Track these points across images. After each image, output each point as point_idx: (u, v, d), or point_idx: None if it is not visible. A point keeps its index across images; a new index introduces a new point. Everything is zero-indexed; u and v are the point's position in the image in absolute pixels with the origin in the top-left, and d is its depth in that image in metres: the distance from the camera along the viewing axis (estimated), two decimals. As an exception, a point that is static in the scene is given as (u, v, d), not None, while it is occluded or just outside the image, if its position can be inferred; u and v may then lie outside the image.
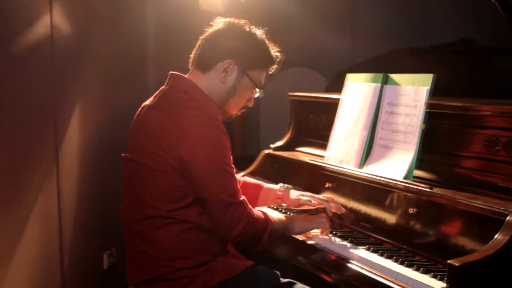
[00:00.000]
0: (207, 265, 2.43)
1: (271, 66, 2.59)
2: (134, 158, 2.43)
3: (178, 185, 2.36)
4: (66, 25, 3.45)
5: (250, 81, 2.52)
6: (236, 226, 2.38)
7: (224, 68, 2.47)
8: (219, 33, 2.51)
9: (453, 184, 2.48)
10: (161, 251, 2.40)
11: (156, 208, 2.38)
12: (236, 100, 2.54)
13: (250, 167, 3.49)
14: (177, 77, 2.50)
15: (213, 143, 2.33)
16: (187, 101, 2.41)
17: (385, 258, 2.45)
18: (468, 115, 2.49)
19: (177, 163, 2.32)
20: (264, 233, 2.48)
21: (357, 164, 2.87)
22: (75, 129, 3.56)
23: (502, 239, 2.05)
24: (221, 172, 2.35)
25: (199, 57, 2.51)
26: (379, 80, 2.86)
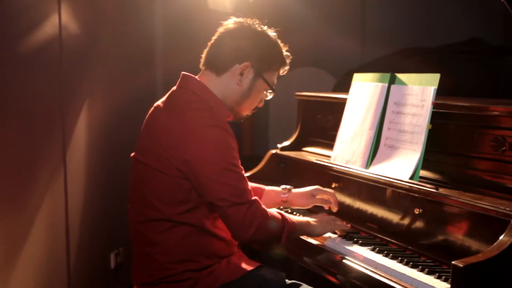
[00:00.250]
0: (211, 267, 2.42)
1: (283, 67, 2.58)
2: (140, 159, 2.43)
3: (182, 188, 2.35)
4: (74, 25, 3.46)
5: (265, 83, 2.51)
6: (249, 227, 2.35)
7: (241, 70, 2.45)
8: (234, 35, 2.48)
9: (459, 185, 2.47)
10: (165, 254, 2.39)
11: (160, 211, 2.37)
12: (250, 101, 2.53)
13: (257, 167, 3.48)
14: (187, 78, 2.48)
15: (219, 144, 2.32)
16: (194, 103, 2.39)
17: (390, 258, 2.43)
18: (475, 115, 2.47)
19: (182, 165, 2.31)
20: (281, 234, 2.45)
21: (363, 164, 2.86)
22: (82, 129, 3.56)
23: (506, 240, 2.03)
24: (227, 173, 2.33)
25: (213, 59, 2.48)
26: (386, 80, 2.85)
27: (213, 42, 2.52)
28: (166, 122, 2.37)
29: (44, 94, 3.18)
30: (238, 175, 2.36)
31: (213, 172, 2.31)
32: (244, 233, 2.37)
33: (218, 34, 2.52)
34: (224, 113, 2.45)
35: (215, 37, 2.52)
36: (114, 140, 3.90)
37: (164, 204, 2.36)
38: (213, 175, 2.31)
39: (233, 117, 2.53)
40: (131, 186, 2.51)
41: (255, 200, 2.39)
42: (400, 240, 2.60)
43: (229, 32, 2.50)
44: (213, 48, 2.50)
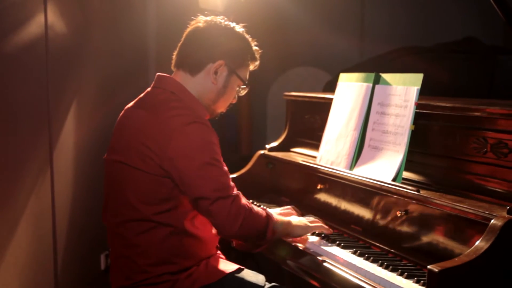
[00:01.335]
0: (189, 270, 2.40)
1: (254, 62, 2.58)
2: (119, 159, 2.40)
3: (163, 186, 2.33)
4: (62, 24, 3.43)
5: (239, 80, 2.51)
6: (235, 221, 2.33)
7: (215, 69, 2.45)
8: (204, 34, 2.47)
9: (442, 187, 2.43)
10: (143, 256, 2.37)
11: (140, 211, 2.34)
12: (225, 99, 2.53)
13: (245, 168, 3.45)
14: (163, 78, 2.47)
15: (200, 139, 2.32)
16: (172, 101, 2.39)
17: (371, 262, 2.39)
18: (457, 116, 2.42)
19: (166, 163, 2.29)
20: (267, 229, 2.43)
21: (347, 165, 2.82)
22: (70, 130, 3.54)
23: (484, 244, 1.99)
24: (210, 168, 2.32)
25: (186, 59, 2.47)
26: (371, 80, 2.81)
27: (183, 42, 2.50)
28: (146, 121, 2.35)
29: (30, 94, 3.16)
30: (221, 170, 2.35)
31: (196, 167, 2.30)
32: (230, 228, 2.34)
33: (187, 34, 2.50)
34: (202, 112, 2.45)
35: (184, 37, 2.50)
36: (103, 141, 3.85)
37: (144, 203, 2.34)
38: (196, 170, 2.30)
39: (209, 116, 2.53)
40: (105, 188, 2.48)
41: (238, 194, 2.38)
42: (383, 243, 2.56)
43: (199, 31, 2.48)
44: (184, 49, 2.49)
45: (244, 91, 2.57)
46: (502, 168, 2.24)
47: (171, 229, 2.36)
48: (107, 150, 2.51)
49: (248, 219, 2.36)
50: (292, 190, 3.24)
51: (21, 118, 3.07)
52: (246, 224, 2.35)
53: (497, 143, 2.26)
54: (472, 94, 3.53)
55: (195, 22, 2.52)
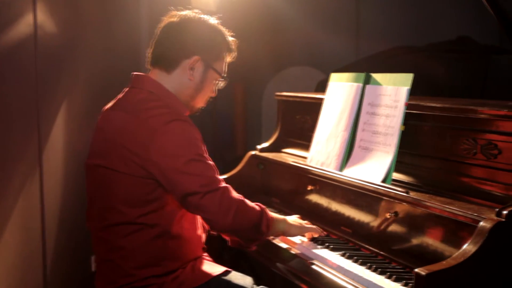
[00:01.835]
0: (175, 272, 2.36)
1: (231, 53, 2.53)
2: (100, 163, 2.35)
3: (148, 188, 2.29)
4: (51, 24, 3.40)
5: (216, 73, 2.47)
6: (227, 213, 2.29)
7: (191, 65, 2.41)
8: (178, 29, 2.42)
9: (431, 188, 2.39)
10: (128, 259, 2.33)
11: (125, 214, 2.31)
12: (203, 94, 2.49)
13: (236, 168, 3.42)
14: (140, 78, 2.44)
15: (182, 136, 2.28)
16: (151, 101, 2.35)
17: (359, 264, 2.37)
18: (447, 116, 2.39)
19: (149, 164, 2.26)
20: (261, 223, 2.39)
21: (337, 166, 2.79)
22: (60, 130, 3.50)
23: (472, 247, 1.96)
24: (195, 163, 2.28)
25: (160, 57, 2.43)
26: (361, 79, 2.77)
27: (157, 39, 2.46)
28: (126, 123, 2.32)
29: (19, 94, 3.12)
30: (206, 164, 2.31)
31: (181, 165, 2.26)
32: (223, 221, 2.30)
33: (161, 30, 2.46)
34: (182, 109, 2.42)
35: (158, 34, 2.46)
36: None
37: (128, 206, 2.30)
38: (180, 167, 2.26)
39: (189, 112, 2.49)
40: (88, 193, 2.45)
41: (227, 186, 2.34)
42: (372, 245, 2.53)
43: (172, 27, 2.44)
44: (159, 46, 2.45)
45: (223, 83, 2.54)
46: (492, 170, 2.20)
47: (156, 231, 2.32)
48: (88, 154, 2.47)
49: (241, 211, 2.32)
50: (282, 191, 3.21)
51: (9, 117, 3.03)
52: (239, 216, 2.32)
53: (487, 144, 2.22)
54: (465, 94, 3.50)
55: (168, 17, 2.47)
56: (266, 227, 2.41)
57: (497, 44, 4.07)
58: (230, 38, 2.51)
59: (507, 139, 2.16)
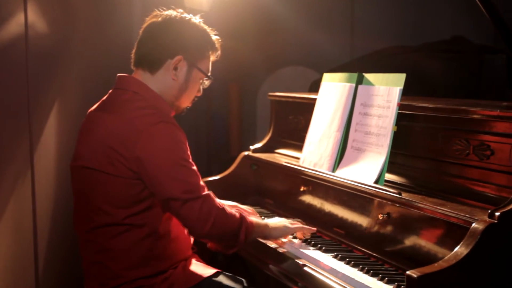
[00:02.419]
0: (165, 273, 2.35)
1: (215, 52, 2.51)
2: (86, 165, 2.33)
3: (135, 189, 2.28)
4: (42, 24, 3.37)
5: (201, 73, 2.45)
6: (206, 221, 2.28)
7: (174, 65, 2.39)
8: (160, 29, 2.41)
9: (424, 189, 2.38)
10: (117, 260, 2.31)
11: (112, 215, 2.29)
12: (188, 93, 2.47)
13: (229, 169, 3.40)
14: (125, 79, 2.42)
15: (168, 139, 2.27)
16: (137, 101, 2.33)
17: (352, 266, 2.35)
18: (439, 117, 2.37)
19: (135, 165, 2.24)
20: (240, 231, 2.37)
21: (330, 167, 2.77)
22: (52, 131, 3.48)
23: (463, 249, 1.94)
24: (179, 168, 2.27)
25: (144, 57, 2.42)
26: (354, 80, 2.75)
27: (140, 40, 2.45)
28: (111, 124, 2.30)
29: (9, 95, 3.09)
30: (190, 170, 2.30)
31: (166, 168, 2.25)
32: (201, 228, 2.29)
33: (143, 30, 2.45)
34: (167, 110, 2.40)
35: (141, 34, 2.45)
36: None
37: (116, 207, 2.29)
38: (165, 171, 2.25)
39: (174, 112, 2.47)
40: (74, 195, 2.43)
41: (209, 194, 2.33)
42: (365, 246, 2.51)
43: (155, 27, 2.42)
44: (142, 46, 2.44)
45: (208, 82, 2.52)
46: (485, 171, 2.19)
47: (144, 231, 2.31)
48: (73, 157, 2.45)
49: (219, 220, 2.31)
50: (276, 192, 3.19)
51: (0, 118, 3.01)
52: (218, 225, 2.31)
53: (480, 144, 2.21)
54: (460, 94, 3.49)
55: (151, 17, 2.46)
56: (244, 235, 2.39)
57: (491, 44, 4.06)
58: (214, 36, 2.49)
59: (499, 140, 2.14)
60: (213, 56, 2.51)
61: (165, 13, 2.44)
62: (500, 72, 3.47)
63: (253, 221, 2.46)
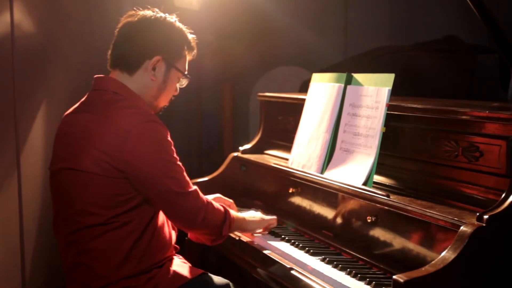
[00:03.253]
0: (150, 273, 2.32)
1: (192, 51, 2.49)
2: (70, 166, 2.29)
3: (122, 188, 2.25)
4: (29, 23, 3.33)
5: (178, 72, 2.44)
6: (197, 215, 2.32)
7: (152, 65, 2.37)
8: (137, 30, 2.37)
9: (413, 191, 2.34)
10: (99, 260, 2.28)
11: (97, 215, 2.26)
12: (166, 93, 2.46)
13: (218, 170, 3.36)
14: (104, 80, 2.39)
15: (156, 138, 2.26)
16: (118, 101, 2.31)
17: (339, 270, 2.31)
18: (428, 117, 2.33)
19: (122, 165, 2.22)
20: (223, 225, 2.41)
21: (319, 168, 2.73)
22: (39, 132, 3.43)
23: (451, 253, 1.90)
24: (168, 165, 2.28)
25: (121, 58, 2.38)
26: (343, 80, 2.71)
27: (116, 41, 2.41)
28: (94, 124, 2.27)
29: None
30: (179, 167, 2.32)
31: (155, 167, 2.25)
32: (193, 222, 2.34)
33: (119, 31, 2.42)
34: (148, 109, 2.37)
35: (117, 35, 2.42)
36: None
37: (100, 207, 2.25)
38: (155, 170, 2.25)
39: (153, 112, 2.43)
40: (54, 199, 2.39)
41: (196, 189, 2.36)
42: (353, 249, 2.47)
43: (131, 27, 2.39)
44: (118, 47, 2.40)
45: (186, 81, 2.51)
46: (474, 172, 2.15)
47: (127, 229, 2.28)
48: (50, 161, 2.41)
49: (209, 214, 2.36)
50: (265, 194, 3.15)
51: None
52: (207, 219, 2.35)
53: (469, 146, 2.17)
54: (452, 93, 3.45)
55: (126, 16, 2.43)
56: (228, 229, 2.44)
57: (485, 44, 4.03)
58: (190, 35, 2.47)
59: (489, 141, 2.10)
60: (190, 55, 2.49)
61: (140, 13, 2.42)
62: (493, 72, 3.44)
63: (234, 215, 2.51)
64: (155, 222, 2.35)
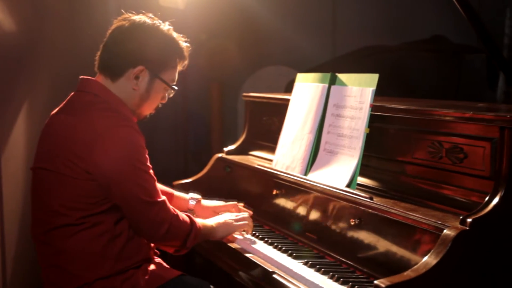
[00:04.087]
0: (125, 273, 2.28)
1: (182, 62, 2.43)
2: (44, 166, 2.27)
3: (93, 190, 2.21)
4: (10, 23, 3.27)
5: (163, 83, 2.38)
6: (160, 227, 2.27)
7: (135, 75, 2.32)
8: (125, 37, 2.33)
9: (397, 194, 2.30)
10: (74, 261, 2.24)
11: (68, 216, 2.22)
12: (150, 103, 2.41)
13: (202, 172, 3.32)
14: (87, 81, 2.35)
15: (127, 143, 2.21)
16: (97, 104, 2.27)
17: (322, 274, 2.27)
18: (412, 118, 2.30)
19: (92, 168, 2.18)
20: (188, 237, 2.36)
21: (302, 170, 2.68)
22: (20, 133, 3.38)
23: (434, 257, 1.86)
24: (138, 172, 2.22)
25: (106, 63, 2.34)
26: (327, 80, 2.67)
27: (105, 44, 2.38)
28: (71, 126, 2.24)
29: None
30: (149, 175, 2.27)
31: (124, 173, 2.20)
32: (155, 233, 2.29)
33: (110, 34, 2.38)
34: (128, 115, 2.33)
35: (107, 38, 2.38)
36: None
37: (72, 209, 2.22)
38: (123, 175, 2.20)
39: (136, 118, 2.41)
40: (31, 198, 2.35)
41: (164, 200, 2.31)
42: (337, 252, 2.43)
43: (121, 33, 2.34)
44: (106, 52, 2.36)
45: (173, 92, 2.45)
46: (457, 174, 2.11)
47: (99, 229, 2.25)
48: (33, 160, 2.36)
49: (173, 227, 2.31)
50: (249, 195, 3.10)
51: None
52: (171, 232, 2.30)
53: (453, 147, 2.13)
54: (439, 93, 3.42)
55: (119, 20, 2.38)
56: (192, 241, 2.39)
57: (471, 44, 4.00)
58: (183, 44, 2.41)
59: (473, 143, 2.07)
60: (180, 66, 2.43)
61: (133, 17, 2.37)
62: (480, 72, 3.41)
63: (201, 224, 2.45)
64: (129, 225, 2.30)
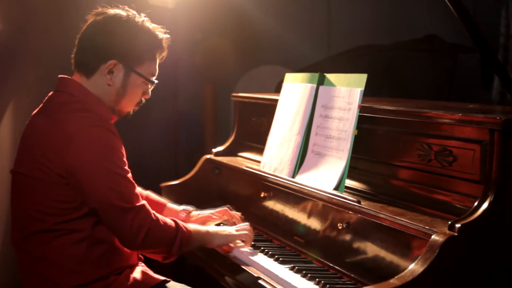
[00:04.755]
0: (107, 280, 2.21)
1: (160, 53, 2.34)
2: (20, 170, 2.21)
3: (68, 195, 2.13)
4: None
5: (140, 77, 2.29)
6: (138, 234, 2.15)
7: (108, 70, 2.24)
8: (96, 31, 2.26)
9: (385, 197, 2.24)
10: (53, 267, 2.17)
11: (44, 221, 2.15)
12: (129, 98, 2.31)
13: (190, 173, 3.26)
14: (64, 80, 2.28)
15: (102, 145, 2.13)
16: (72, 104, 2.19)
17: (308, 280, 2.20)
18: (401, 120, 2.23)
19: (64, 171, 2.10)
20: (173, 243, 2.24)
21: (290, 172, 2.62)
22: (6, 133, 3.33)
23: (421, 265, 1.80)
24: (112, 176, 2.13)
25: (80, 59, 2.27)
26: (315, 80, 2.61)
27: (79, 40, 2.30)
28: (44, 127, 2.17)
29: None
30: (124, 179, 2.17)
31: (97, 176, 2.11)
32: (133, 241, 2.17)
33: (83, 30, 2.30)
34: (106, 114, 2.25)
35: (80, 34, 2.30)
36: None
37: (47, 214, 2.15)
38: (97, 179, 2.11)
39: (117, 117, 2.33)
40: (11, 203, 2.29)
41: (143, 205, 2.19)
42: (324, 257, 2.37)
43: (93, 27, 2.27)
44: (79, 48, 2.29)
45: (153, 85, 2.36)
46: (446, 178, 2.05)
47: (78, 235, 2.17)
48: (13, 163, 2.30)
49: (152, 232, 2.18)
50: (238, 198, 3.05)
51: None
52: (151, 237, 2.18)
53: (442, 150, 2.07)
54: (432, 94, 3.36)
55: (93, 15, 2.31)
56: (179, 246, 2.26)
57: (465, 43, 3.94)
58: (161, 36, 2.32)
59: (462, 145, 2.01)
60: (159, 57, 2.35)
61: (108, 11, 2.29)
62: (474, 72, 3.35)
63: (192, 229, 2.33)
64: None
